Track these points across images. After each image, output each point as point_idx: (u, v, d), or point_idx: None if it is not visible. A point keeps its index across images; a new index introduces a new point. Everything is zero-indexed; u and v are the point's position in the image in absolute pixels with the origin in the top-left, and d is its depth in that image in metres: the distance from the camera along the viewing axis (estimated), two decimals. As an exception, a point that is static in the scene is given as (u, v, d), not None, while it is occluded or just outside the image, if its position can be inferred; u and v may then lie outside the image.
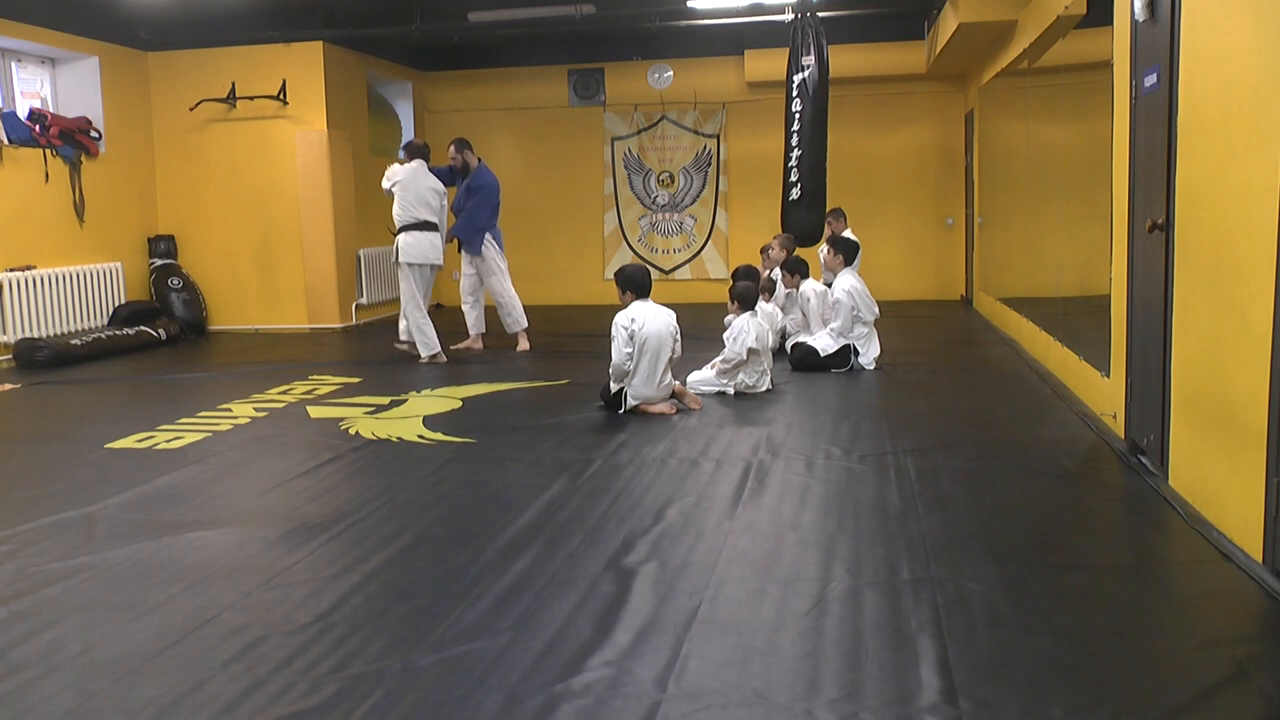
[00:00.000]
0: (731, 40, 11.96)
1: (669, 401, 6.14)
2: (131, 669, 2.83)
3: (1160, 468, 4.42)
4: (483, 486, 4.66)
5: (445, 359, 8.44)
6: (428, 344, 8.41)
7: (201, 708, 2.60)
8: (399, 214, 8.41)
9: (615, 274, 6.36)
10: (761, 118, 12.20)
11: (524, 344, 8.97)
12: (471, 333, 9.11)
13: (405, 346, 8.74)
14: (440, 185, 8.63)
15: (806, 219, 8.56)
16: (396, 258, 8.40)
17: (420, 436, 5.70)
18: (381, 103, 12.54)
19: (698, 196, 12.89)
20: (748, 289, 6.91)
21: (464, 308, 9.14)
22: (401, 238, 8.38)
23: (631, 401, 6.05)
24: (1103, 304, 5.47)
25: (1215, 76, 3.76)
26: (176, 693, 2.69)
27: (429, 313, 8.57)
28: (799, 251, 8.92)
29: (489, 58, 12.74)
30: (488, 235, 8.92)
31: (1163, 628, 3.06)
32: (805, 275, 8.20)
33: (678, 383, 6.27)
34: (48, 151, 9.43)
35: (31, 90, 9.93)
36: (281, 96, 10.63)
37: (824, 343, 7.52)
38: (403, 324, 8.65)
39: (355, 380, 7.61)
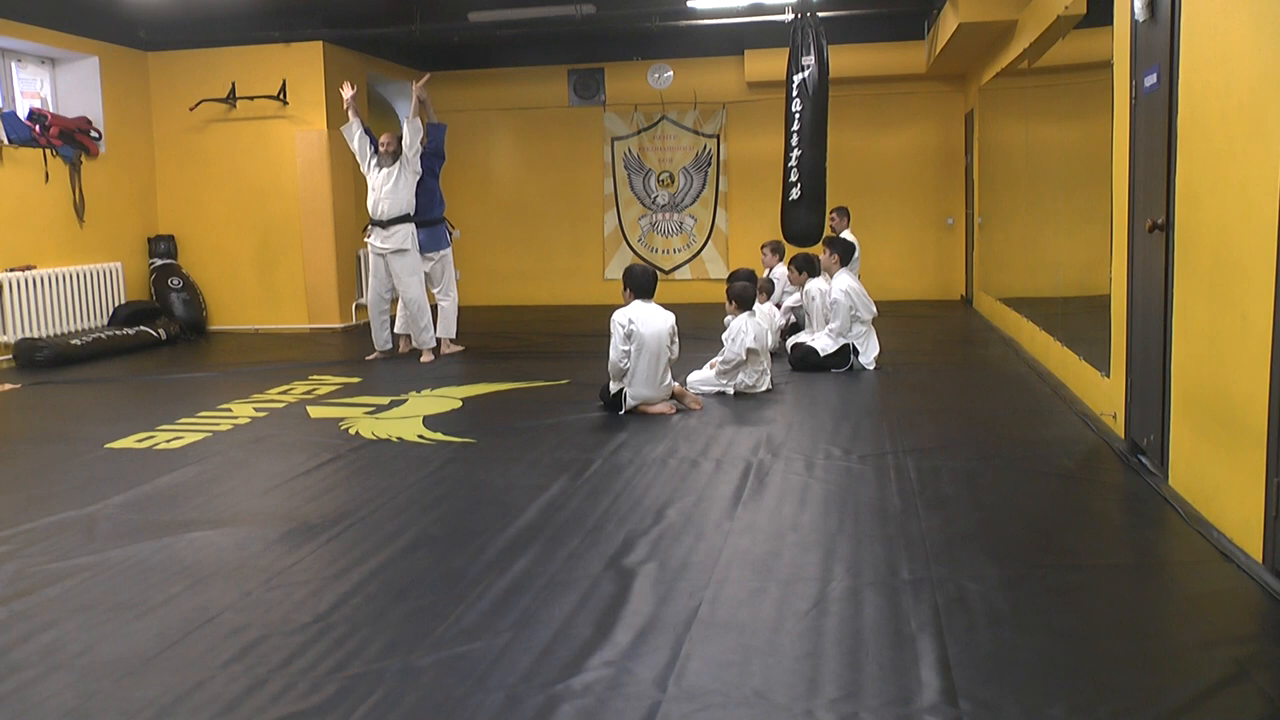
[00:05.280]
0: (731, 40, 11.96)
1: (669, 402, 6.14)
2: (131, 669, 2.83)
3: (1160, 468, 4.42)
4: (483, 486, 4.66)
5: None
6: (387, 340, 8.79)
7: (201, 708, 2.60)
8: (418, 204, 8.52)
9: (623, 272, 6.37)
10: (761, 118, 12.20)
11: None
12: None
13: (406, 346, 8.78)
14: None
15: (806, 219, 8.55)
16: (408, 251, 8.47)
17: (420, 436, 5.70)
18: (381, 103, 12.54)
19: (698, 196, 12.90)
20: (745, 289, 6.90)
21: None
22: (416, 230, 8.52)
23: (631, 402, 6.05)
24: (1103, 304, 5.47)
25: (1215, 76, 3.76)
26: (176, 693, 2.69)
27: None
28: (807, 250, 8.95)
29: (489, 58, 12.75)
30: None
31: (1163, 628, 3.06)
32: (814, 273, 8.18)
33: (677, 383, 6.27)
34: (48, 151, 9.43)
35: (31, 90, 9.93)
36: (281, 96, 10.63)
37: (823, 342, 7.52)
38: (401, 321, 8.67)
39: (355, 380, 7.61)
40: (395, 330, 8.81)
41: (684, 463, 4.96)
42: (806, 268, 8.25)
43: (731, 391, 6.63)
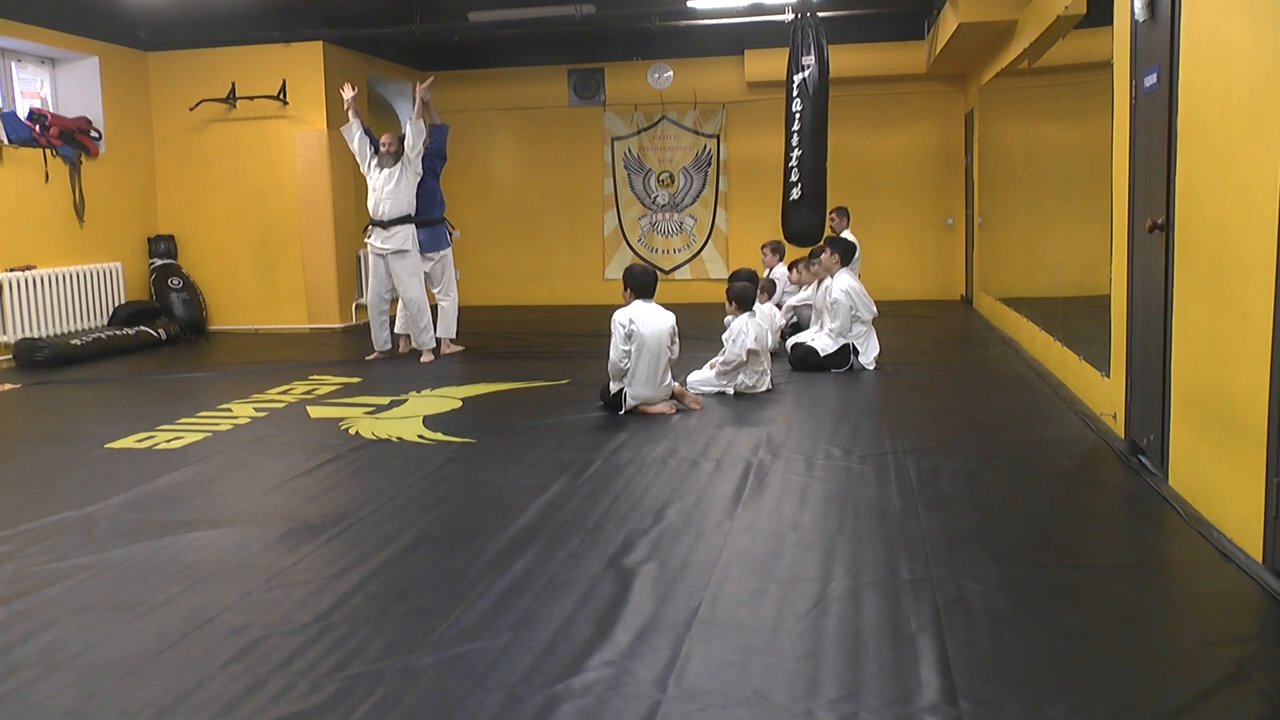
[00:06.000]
0: (731, 40, 11.96)
1: (669, 402, 6.14)
2: (131, 669, 2.83)
3: (1160, 468, 4.42)
4: (483, 486, 4.66)
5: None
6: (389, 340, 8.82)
7: (201, 708, 2.60)
8: (418, 204, 8.49)
9: (623, 271, 6.37)
10: (761, 118, 12.20)
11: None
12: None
13: (406, 346, 8.79)
14: None
15: (807, 219, 8.55)
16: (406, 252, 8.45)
17: (420, 436, 5.69)
18: (382, 103, 12.54)
19: (698, 196, 12.89)
20: (745, 289, 6.90)
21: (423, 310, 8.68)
22: (416, 230, 8.51)
23: (631, 402, 6.05)
24: (1103, 304, 5.47)
25: (1215, 76, 3.77)
26: (176, 693, 2.69)
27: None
28: (801, 252, 8.95)
29: (489, 58, 12.75)
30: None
31: (1163, 628, 3.06)
32: None
33: (677, 383, 6.27)
34: (48, 151, 9.43)
35: (31, 90, 9.93)
36: (281, 96, 10.63)
37: (823, 343, 7.52)
38: (401, 321, 8.68)
39: (355, 380, 7.61)
40: (395, 330, 8.82)
41: (684, 463, 4.96)
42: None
43: (731, 392, 6.63)
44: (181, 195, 10.96)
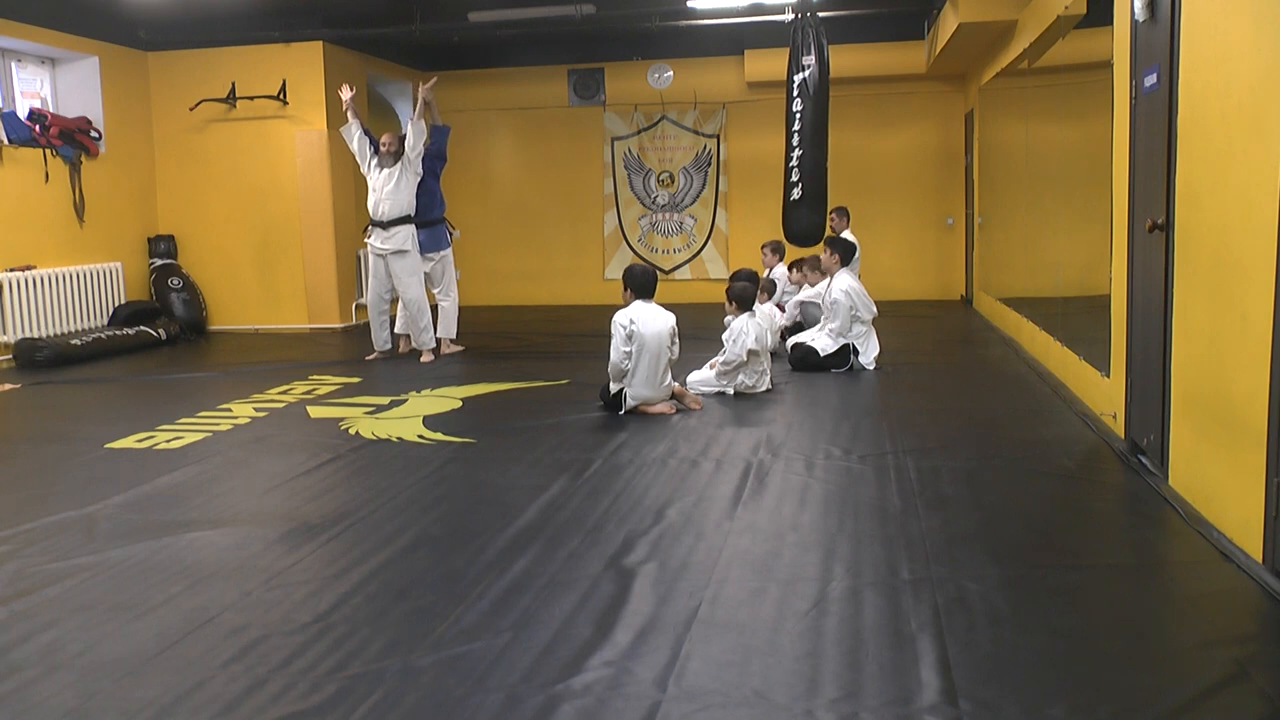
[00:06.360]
0: (731, 40, 11.96)
1: (669, 402, 6.14)
2: (131, 669, 2.83)
3: (1160, 468, 4.42)
4: (483, 486, 4.66)
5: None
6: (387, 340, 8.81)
7: (201, 708, 2.60)
8: (418, 205, 8.49)
9: (623, 272, 6.37)
10: (761, 118, 12.20)
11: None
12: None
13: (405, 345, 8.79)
14: None
15: (807, 219, 8.56)
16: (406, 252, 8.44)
17: (420, 436, 5.69)
18: (381, 103, 12.54)
19: (698, 196, 12.90)
20: (745, 289, 6.89)
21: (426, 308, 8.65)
22: (416, 230, 8.50)
23: (631, 402, 6.05)
24: (1103, 304, 5.47)
25: (1215, 76, 3.77)
26: (176, 693, 2.69)
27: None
28: (801, 251, 8.96)
29: (489, 58, 12.75)
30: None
31: (1163, 628, 3.06)
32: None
33: (677, 384, 6.27)
34: (48, 151, 9.43)
35: (31, 90, 9.93)
36: (281, 96, 10.63)
37: (823, 343, 7.52)
38: (401, 321, 8.68)
39: (355, 380, 7.61)
40: (395, 330, 8.82)
41: (684, 463, 4.96)
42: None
43: (731, 392, 6.63)
44: (181, 195, 10.96)
